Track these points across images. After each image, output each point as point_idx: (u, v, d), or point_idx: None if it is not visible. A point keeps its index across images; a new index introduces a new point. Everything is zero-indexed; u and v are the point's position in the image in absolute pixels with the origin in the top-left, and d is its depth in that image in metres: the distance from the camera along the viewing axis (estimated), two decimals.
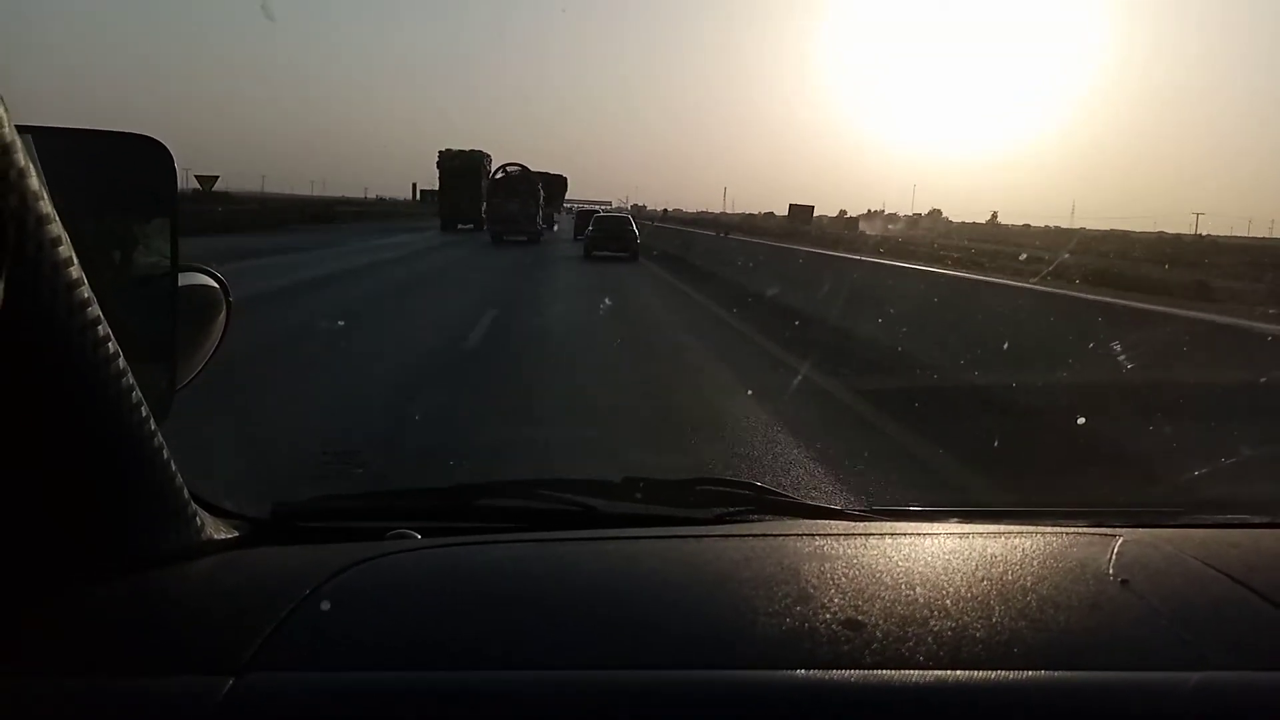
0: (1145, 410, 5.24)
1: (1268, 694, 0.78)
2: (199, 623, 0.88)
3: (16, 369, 0.72)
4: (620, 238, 29.93)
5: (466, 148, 54.21)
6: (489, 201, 42.46)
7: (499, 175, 45.04)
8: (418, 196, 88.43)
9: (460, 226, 49.72)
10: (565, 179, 71.28)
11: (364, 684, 0.76)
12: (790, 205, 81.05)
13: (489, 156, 53.24)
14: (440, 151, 53.73)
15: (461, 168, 51.48)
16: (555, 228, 60.99)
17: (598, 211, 45.75)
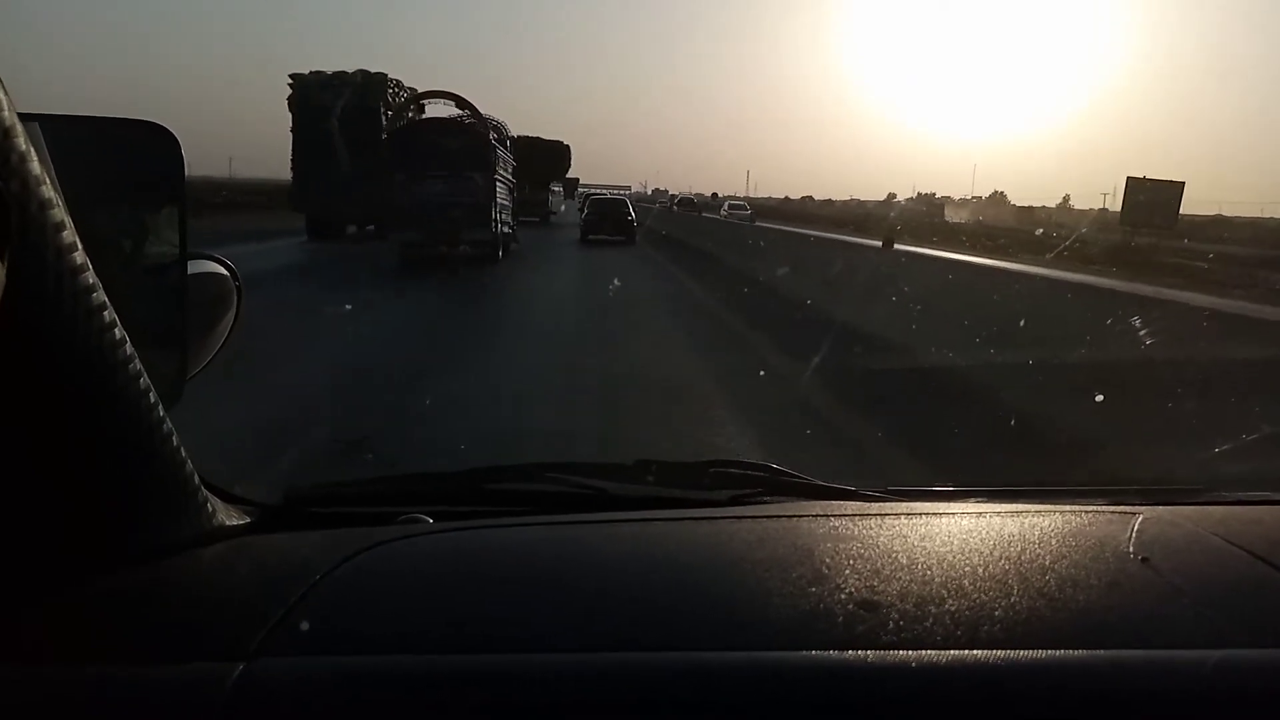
0: None
1: None
2: (210, 609, 0.88)
3: (21, 356, 0.72)
4: (617, 221, 29.48)
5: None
6: (391, 177, 18.94)
7: (412, 118, 22.12)
8: None
9: (350, 230, 25.69)
10: (566, 148, 46.89)
11: (375, 668, 0.76)
12: (1129, 181, 38.00)
13: (402, 87, 26.13)
14: (292, 76, 25.34)
15: (335, 106, 24.51)
16: (560, 210, 45.05)
17: (606, 196, 39.01)
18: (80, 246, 0.73)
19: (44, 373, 0.75)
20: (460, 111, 21.07)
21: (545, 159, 42.97)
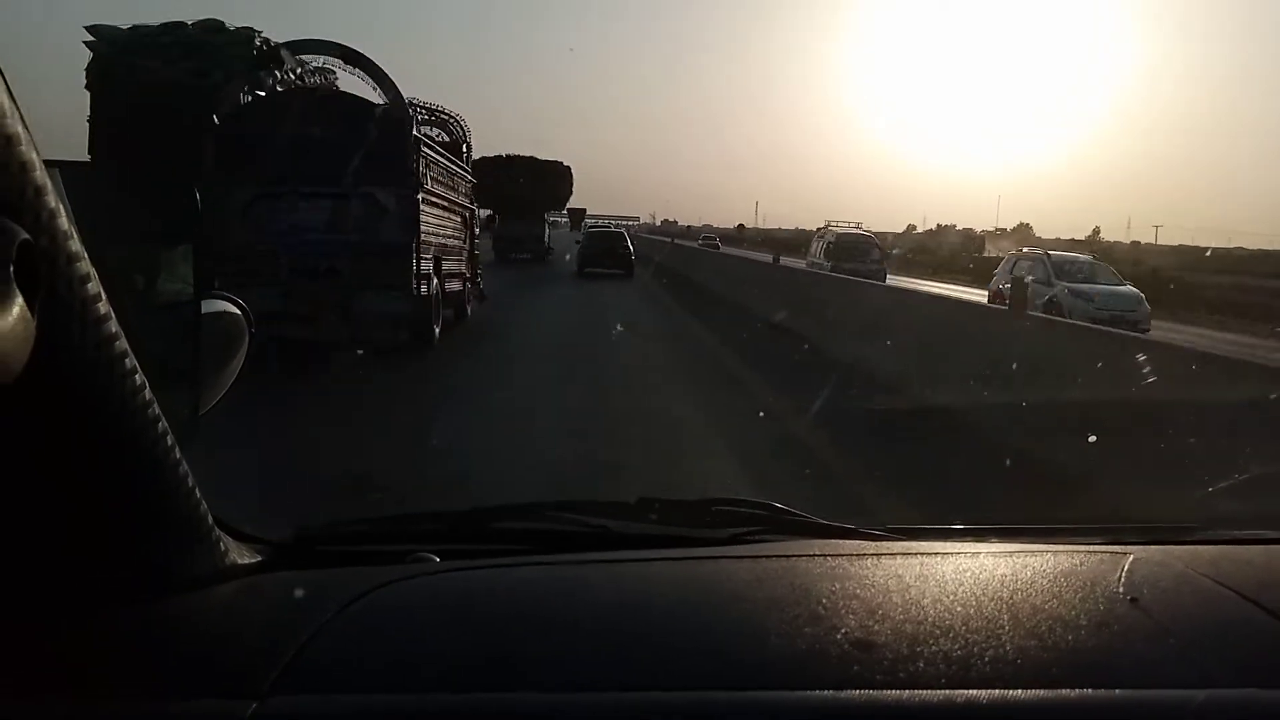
0: None
1: (1274, 713, 0.79)
2: (222, 647, 0.90)
3: (46, 402, 0.75)
4: (614, 254, 27.88)
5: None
6: (220, 195, 9.22)
7: (270, 90, 11.20)
8: None
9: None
10: (567, 170, 37.02)
11: (386, 707, 0.78)
12: None
13: (268, 45, 11.90)
14: (92, 30, 12.13)
15: (161, 78, 11.24)
16: (569, 252, 32.80)
17: (605, 228, 35.64)
18: (104, 296, 0.76)
19: (65, 416, 0.78)
20: (356, 75, 11.67)
21: (541, 183, 34.12)
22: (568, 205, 45.20)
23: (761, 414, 7.76)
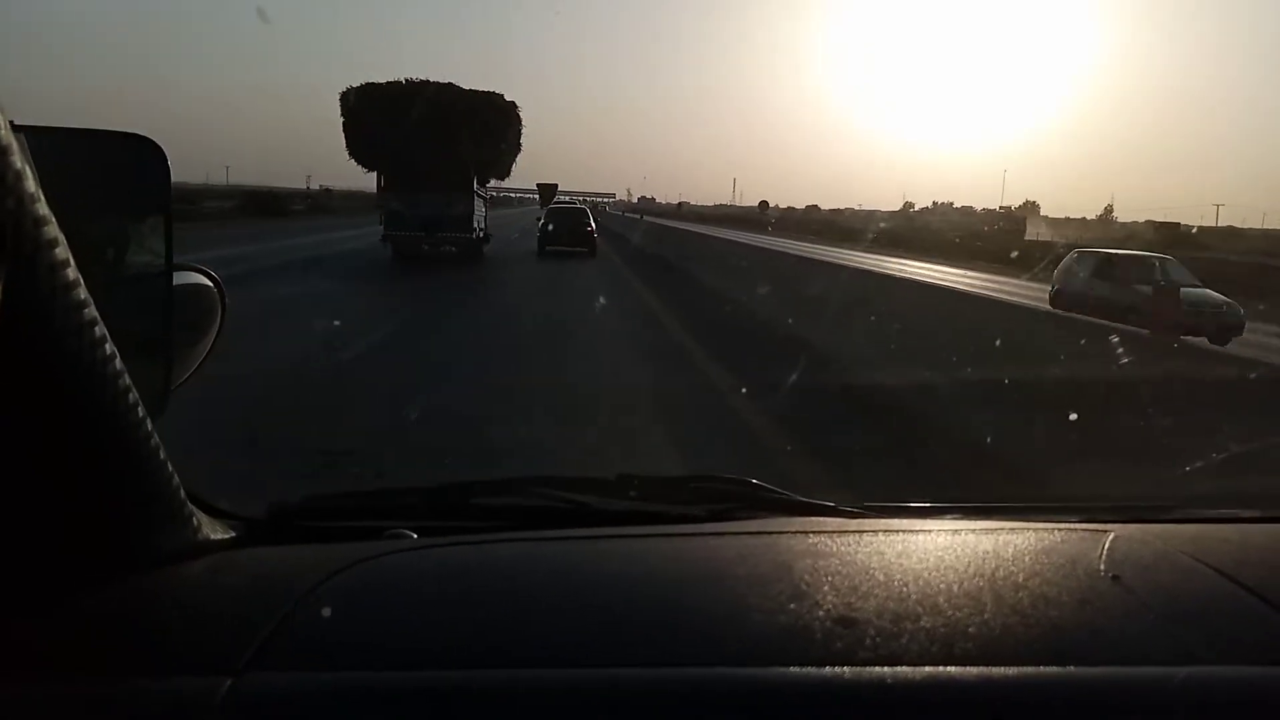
0: None
1: (1255, 689, 0.79)
2: (197, 624, 0.89)
3: (13, 371, 0.73)
4: (576, 232, 27.21)
5: None
6: None
7: None
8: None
9: None
10: (510, 108, 24.23)
11: (362, 684, 0.77)
12: None
13: None
14: None
15: None
16: (488, 243, 24.19)
17: (566, 205, 34.01)
18: (73, 262, 0.74)
19: (33, 387, 0.76)
20: None
21: (467, 127, 20.18)
22: (537, 182, 36.95)
23: None
